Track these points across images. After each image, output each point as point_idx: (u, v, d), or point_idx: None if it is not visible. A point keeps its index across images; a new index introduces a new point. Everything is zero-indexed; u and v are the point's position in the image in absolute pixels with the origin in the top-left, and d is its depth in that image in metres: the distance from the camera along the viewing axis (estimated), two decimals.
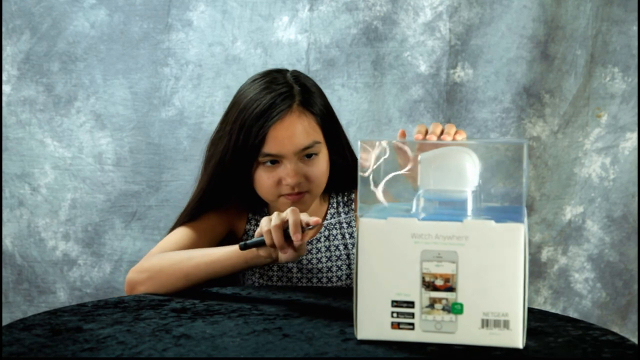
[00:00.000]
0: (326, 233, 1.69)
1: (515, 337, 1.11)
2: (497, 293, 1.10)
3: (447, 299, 1.11)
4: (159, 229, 2.50)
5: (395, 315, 1.12)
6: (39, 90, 2.51)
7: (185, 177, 2.49)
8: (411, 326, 1.12)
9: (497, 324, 1.11)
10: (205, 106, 2.47)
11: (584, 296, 2.40)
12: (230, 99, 2.43)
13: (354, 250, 1.68)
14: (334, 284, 1.66)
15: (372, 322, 1.13)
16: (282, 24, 2.43)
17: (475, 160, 1.16)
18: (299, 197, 1.59)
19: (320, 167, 1.61)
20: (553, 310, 2.31)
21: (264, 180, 1.59)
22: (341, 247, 1.68)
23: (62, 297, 2.53)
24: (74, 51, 2.49)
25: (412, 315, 1.12)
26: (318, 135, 1.61)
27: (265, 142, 1.56)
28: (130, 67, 2.48)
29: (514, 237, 1.10)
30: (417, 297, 1.12)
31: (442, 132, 1.32)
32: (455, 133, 1.34)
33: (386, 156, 1.21)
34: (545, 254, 2.41)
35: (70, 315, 1.30)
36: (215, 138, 1.65)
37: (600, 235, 2.39)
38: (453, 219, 1.12)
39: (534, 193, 2.39)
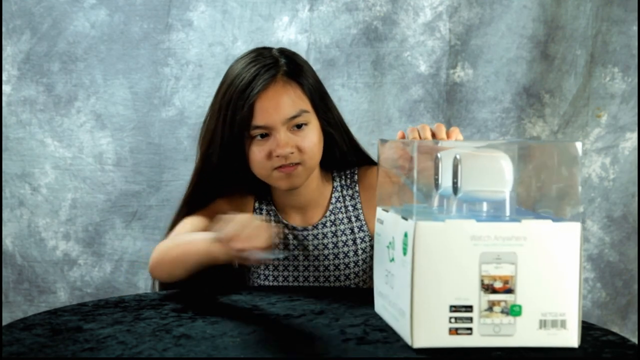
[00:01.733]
0: (332, 218, 1.67)
1: (572, 336, 1.10)
2: (555, 293, 1.09)
3: (506, 301, 1.09)
4: (159, 228, 2.50)
5: (453, 320, 1.09)
6: (39, 90, 2.51)
7: (185, 177, 2.48)
8: (469, 331, 1.09)
9: (554, 324, 1.09)
10: (206, 106, 2.45)
11: (584, 296, 2.40)
12: None
13: (360, 235, 1.66)
14: (342, 272, 1.65)
15: (429, 329, 1.09)
16: (282, 24, 2.43)
17: (510, 161, 1.14)
18: (292, 169, 1.57)
19: (312, 137, 1.58)
20: None
21: (256, 154, 1.57)
22: (347, 232, 1.66)
23: (62, 297, 2.53)
24: (74, 51, 2.49)
25: (471, 319, 1.09)
26: (305, 105, 1.59)
27: (251, 114, 1.55)
28: (131, 67, 2.48)
29: (572, 236, 1.10)
30: (476, 300, 1.08)
31: (433, 136, 1.33)
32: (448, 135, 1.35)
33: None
34: None
35: (70, 315, 1.30)
36: (206, 118, 1.65)
37: (600, 235, 2.39)
38: (504, 219, 1.10)
39: (534, 193, 2.38)
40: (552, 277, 1.09)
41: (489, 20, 2.37)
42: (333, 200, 1.69)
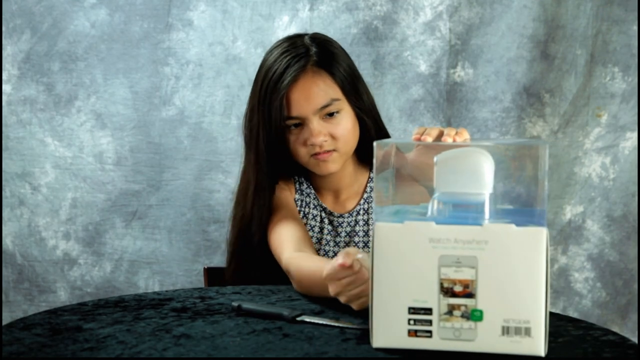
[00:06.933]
0: (365, 206, 1.70)
1: (537, 345, 1.07)
2: (518, 299, 1.06)
3: (466, 306, 1.07)
4: (159, 228, 2.50)
5: (412, 322, 1.08)
6: (40, 90, 2.51)
7: (185, 177, 2.49)
8: (429, 334, 1.08)
9: (518, 331, 1.07)
10: (206, 105, 2.47)
11: (584, 296, 2.40)
12: (230, 98, 2.46)
13: None
14: None
15: (388, 329, 1.09)
16: (282, 24, 2.43)
17: (491, 162, 1.11)
18: (327, 155, 1.62)
19: (344, 124, 1.62)
20: (553, 310, 2.30)
21: (292, 143, 1.63)
22: None
23: (62, 297, 2.53)
24: (74, 51, 2.49)
25: (430, 322, 1.08)
26: (336, 93, 1.62)
27: (284, 106, 1.59)
28: (131, 66, 2.48)
29: (536, 241, 1.06)
30: (435, 303, 1.07)
31: (441, 134, 1.30)
32: (455, 134, 1.32)
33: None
34: None
35: (70, 314, 1.30)
36: (249, 114, 1.67)
37: (600, 234, 2.39)
38: (471, 222, 1.08)
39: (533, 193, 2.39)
40: (515, 282, 1.06)
41: (489, 19, 2.37)
42: (368, 189, 1.73)
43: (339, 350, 1.11)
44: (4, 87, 2.51)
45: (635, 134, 2.36)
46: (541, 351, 1.08)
